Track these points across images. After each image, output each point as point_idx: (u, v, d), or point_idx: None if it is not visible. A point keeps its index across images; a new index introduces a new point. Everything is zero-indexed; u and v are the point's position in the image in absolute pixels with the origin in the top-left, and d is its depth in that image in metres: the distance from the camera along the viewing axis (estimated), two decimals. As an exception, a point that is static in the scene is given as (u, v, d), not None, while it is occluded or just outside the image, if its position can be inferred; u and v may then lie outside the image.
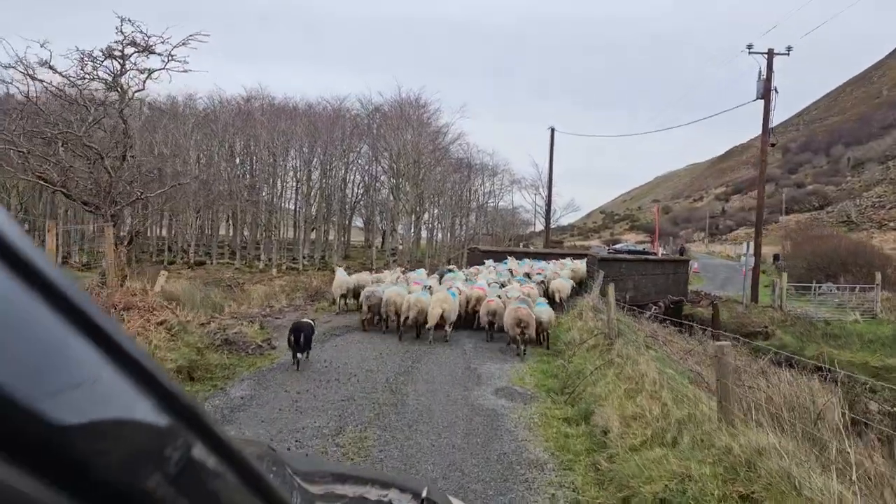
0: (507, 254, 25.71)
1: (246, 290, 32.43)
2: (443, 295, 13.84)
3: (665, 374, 7.24)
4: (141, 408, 0.63)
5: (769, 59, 27.48)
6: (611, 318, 9.74)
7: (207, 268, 46.90)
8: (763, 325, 23.84)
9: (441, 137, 53.85)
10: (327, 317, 16.86)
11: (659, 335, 11.38)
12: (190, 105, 55.62)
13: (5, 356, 0.48)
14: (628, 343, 9.20)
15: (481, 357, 11.84)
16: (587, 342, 10.55)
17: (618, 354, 8.69)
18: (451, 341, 13.56)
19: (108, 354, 0.60)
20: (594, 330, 11.52)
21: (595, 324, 12.11)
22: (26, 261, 0.54)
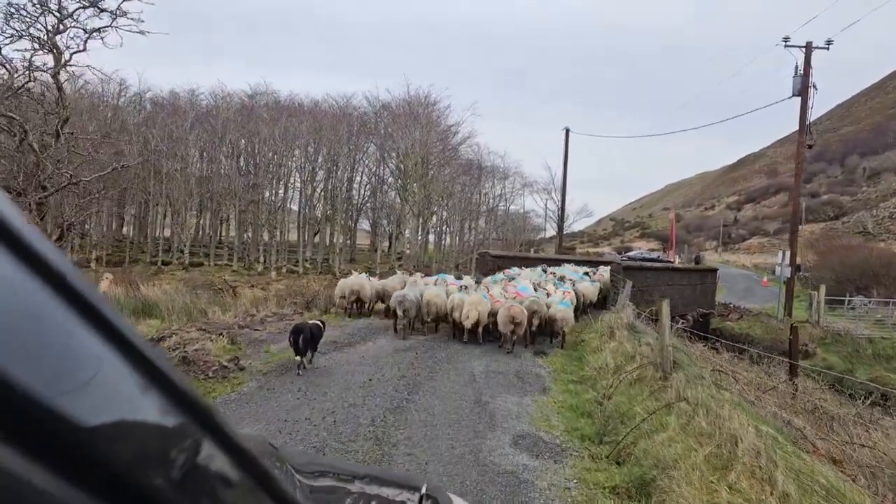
0: (521, 260, 23.64)
1: (239, 293, 30.43)
2: (476, 298, 13.68)
3: (766, 434, 5.07)
4: (152, 406, 0.63)
5: (807, 52, 25.25)
6: (666, 345, 7.54)
7: (204, 269, 44.91)
8: (802, 343, 21.52)
9: (451, 136, 51.72)
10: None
11: (721, 365, 9.17)
12: (192, 100, 53.86)
13: (21, 352, 0.49)
14: (693, 380, 7.00)
15: (494, 385, 9.66)
16: (628, 372, 8.35)
17: (679, 395, 6.52)
18: (458, 361, 11.42)
19: (119, 352, 0.60)
20: (635, 355, 9.32)
21: (634, 347, 9.91)
22: (36, 251, 0.54)
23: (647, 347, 9.09)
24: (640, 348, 9.24)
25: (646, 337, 10.46)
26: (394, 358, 11.35)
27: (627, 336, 11.27)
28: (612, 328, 12.59)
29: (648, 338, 10.10)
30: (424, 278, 18.28)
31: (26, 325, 0.50)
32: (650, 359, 8.38)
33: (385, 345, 12.70)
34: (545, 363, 11.86)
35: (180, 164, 45.40)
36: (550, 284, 16.67)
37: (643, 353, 8.95)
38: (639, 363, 8.65)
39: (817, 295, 24.83)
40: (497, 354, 12.35)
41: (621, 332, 11.67)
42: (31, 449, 0.47)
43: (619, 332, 11.68)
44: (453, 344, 13.18)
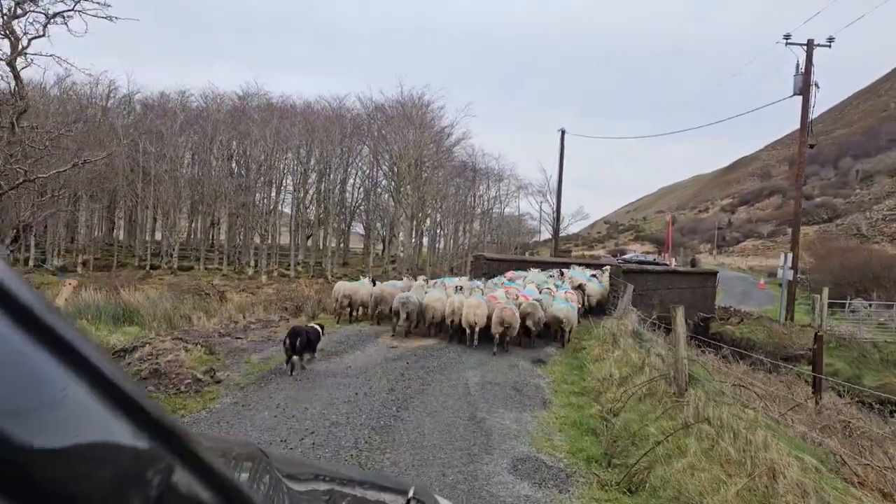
0: (518, 263, 22.97)
1: (227, 298, 29.63)
2: (475, 300, 13.69)
3: (809, 466, 4.37)
4: (117, 430, 0.61)
5: (809, 50, 24.67)
6: (681, 358, 6.81)
7: (193, 273, 44.03)
8: (806, 348, 20.88)
9: (445, 138, 51.01)
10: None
11: (740, 378, 8.42)
12: (182, 101, 53.00)
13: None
14: (713, 396, 6.29)
15: (490, 399, 8.94)
16: (638, 385, 7.63)
17: (699, 414, 5.81)
18: (451, 371, 10.71)
19: (79, 374, 0.59)
20: (643, 366, 8.60)
21: (641, 357, 9.19)
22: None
23: (657, 359, 8.37)
24: (649, 359, 8.51)
25: (655, 346, 9.75)
26: (383, 368, 10.62)
27: (632, 344, 10.56)
28: (615, 335, 11.88)
29: (658, 347, 9.40)
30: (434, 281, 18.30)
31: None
32: (662, 371, 7.66)
33: (374, 354, 11.98)
34: (544, 373, 11.16)
35: (169, 166, 44.48)
36: (552, 284, 16.72)
37: (653, 365, 8.23)
38: (648, 375, 7.93)
39: (820, 298, 24.21)
40: (493, 363, 11.65)
41: (626, 339, 10.96)
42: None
43: (624, 339, 10.97)
44: (446, 352, 12.47)
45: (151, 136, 45.33)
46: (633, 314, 12.69)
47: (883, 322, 25.79)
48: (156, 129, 45.92)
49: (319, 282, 43.27)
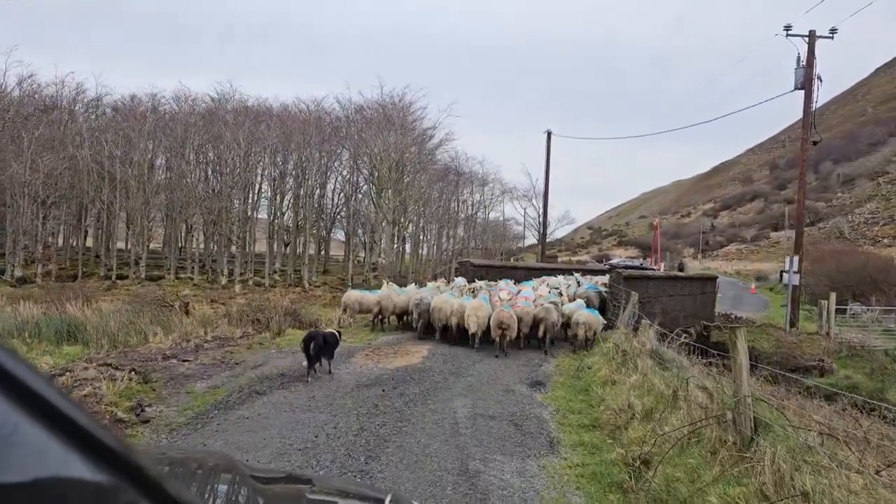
0: (505, 269, 21.36)
1: (192, 310, 27.58)
2: (477, 303, 13.89)
3: None
4: (76, 466, 0.60)
5: (810, 42, 23.32)
6: (744, 396, 5.08)
7: (163, 283, 41.80)
8: (818, 358, 19.40)
9: (427, 140, 49.19)
10: (272, 355, 12.11)
11: (819, 422, 6.66)
12: (153, 104, 50.67)
13: None
14: (799, 454, 4.58)
15: (484, 438, 7.19)
16: (675, 428, 5.92)
17: (781, 479, 4.13)
18: (436, 400, 8.96)
19: (30, 409, 0.57)
20: (674, 398, 6.87)
21: (669, 385, 7.45)
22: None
23: (700, 392, 6.62)
24: (686, 391, 6.77)
25: (684, 371, 8.03)
26: (353, 398, 8.83)
27: (652, 366, 8.87)
28: (626, 353, 10.19)
29: (690, 372, 7.68)
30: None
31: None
32: (710, 410, 5.96)
33: (345, 378, 10.17)
34: (545, 399, 9.43)
35: (137, 171, 42.23)
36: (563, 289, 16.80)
37: (694, 399, 6.51)
38: (687, 412, 6.24)
39: (827, 304, 22.80)
40: (484, 389, 9.89)
41: (643, 360, 9.23)
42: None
43: (642, 360, 9.25)
44: (430, 375, 10.69)
45: (118, 139, 43.05)
46: (650, 329, 10.99)
47: (890, 328, 24.44)
48: (123, 132, 43.63)
49: (296, 291, 41.27)
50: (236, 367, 10.54)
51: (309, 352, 9.76)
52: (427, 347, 13.33)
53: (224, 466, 1.91)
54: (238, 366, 10.68)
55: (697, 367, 8.14)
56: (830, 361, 19.42)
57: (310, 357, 9.82)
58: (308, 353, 9.78)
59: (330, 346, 10.26)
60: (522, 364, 12.28)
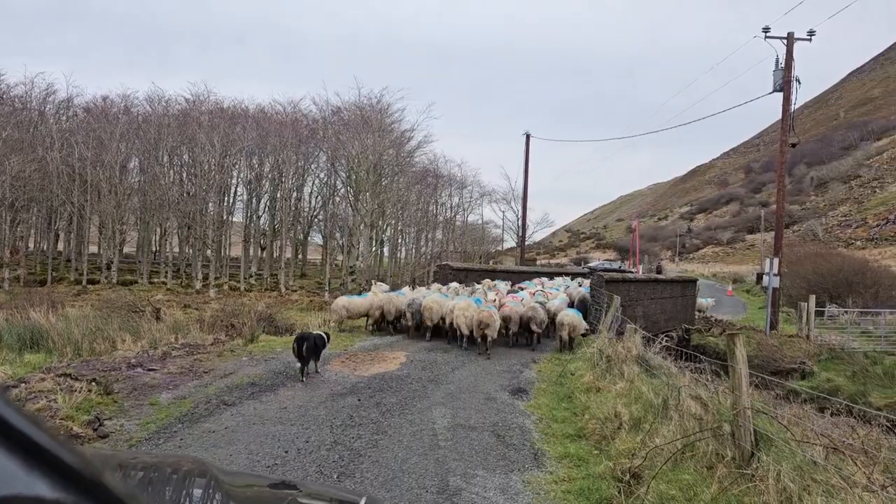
0: (486, 273, 21.03)
1: (164, 316, 26.84)
2: (465, 303, 14.36)
3: None
4: (36, 485, 0.59)
5: (789, 44, 23.35)
6: (744, 408, 4.75)
7: (136, 288, 40.83)
8: (799, 360, 19.32)
9: (405, 142, 48.72)
10: (244, 363, 11.62)
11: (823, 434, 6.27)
12: (125, 105, 49.60)
13: None
14: (806, 471, 4.27)
15: (465, 451, 6.82)
16: (668, 441, 5.58)
17: (788, 499, 3.81)
18: (414, 410, 8.57)
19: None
20: (664, 408, 6.55)
21: (659, 393, 7.13)
22: None
23: (693, 402, 6.29)
24: (678, 400, 6.42)
25: (673, 378, 7.71)
26: (327, 409, 8.40)
27: (639, 373, 8.56)
28: (610, 358, 9.88)
29: (681, 380, 7.37)
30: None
31: None
32: (704, 421, 5.63)
33: (319, 387, 9.73)
34: (528, 407, 9.08)
35: (109, 173, 41.21)
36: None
37: (687, 410, 6.18)
38: (679, 423, 5.92)
39: (807, 306, 22.77)
40: (464, 397, 9.51)
41: (630, 367, 8.92)
42: None
43: (628, 367, 8.93)
44: (407, 382, 10.29)
45: (89, 141, 41.98)
46: (637, 334, 10.68)
47: (868, 330, 24.50)
48: (94, 133, 42.57)
49: (272, 295, 40.57)
50: (205, 376, 10.06)
51: (302, 353, 9.99)
52: (405, 353, 12.93)
53: (197, 471, 1.89)
54: (207, 374, 10.20)
55: (688, 375, 7.82)
56: (811, 364, 19.36)
57: (302, 358, 10.04)
58: (301, 354, 10.01)
59: (319, 347, 10.55)
60: (504, 370, 11.93)
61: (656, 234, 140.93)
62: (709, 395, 6.39)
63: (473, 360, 12.83)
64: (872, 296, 34.56)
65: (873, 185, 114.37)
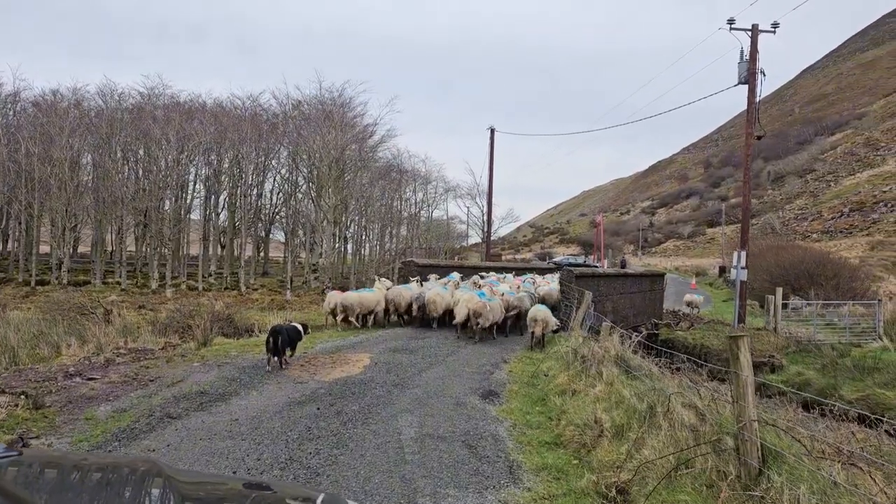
0: (452, 268, 20.45)
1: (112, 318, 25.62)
2: (468, 295, 15.54)
3: None
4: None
5: (753, 36, 23.27)
6: (750, 421, 4.23)
7: (89, 288, 39.17)
8: (768, 354, 19.19)
9: (368, 136, 47.75)
10: (194, 369, 10.81)
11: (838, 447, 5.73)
12: (76, 98, 47.55)
13: None
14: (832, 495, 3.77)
15: (434, 466, 6.21)
16: (660, 454, 5.07)
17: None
18: (378, 418, 7.93)
19: None
20: (651, 415, 6.03)
21: (644, 398, 6.61)
22: None
23: (687, 411, 5.74)
24: (668, 408, 5.87)
25: (658, 382, 7.19)
26: (283, 419, 7.70)
27: (619, 375, 8.05)
28: (586, 357, 9.37)
29: (668, 384, 6.85)
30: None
31: None
32: (701, 434, 5.10)
33: (275, 394, 9.01)
34: (500, 413, 8.52)
35: (58, 170, 39.39)
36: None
37: (679, 419, 5.65)
38: (668, 434, 5.41)
39: (774, 299, 22.74)
40: (432, 402, 8.90)
41: (609, 368, 8.41)
42: None
43: (607, 368, 8.42)
44: (371, 387, 9.62)
45: (36, 136, 40.07)
46: (615, 333, 10.16)
47: (833, 322, 24.60)
48: (41, 128, 40.66)
49: (232, 295, 39.34)
50: (150, 385, 9.25)
51: (277, 347, 10.40)
52: (369, 355, 12.26)
53: (156, 472, 1.90)
54: (153, 383, 9.39)
55: (672, 378, 7.32)
56: (780, 357, 19.25)
57: (277, 351, 10.44)
58: (276, 348, 10.40)
59: (293, 339, 10.94)
60: (473, 371, 11.35)
61: (618, 228, 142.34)
62: (704, 404, 5.88)
63: (441, 360, 12.24)
64: (833, 287, 35.00)
65: (828, 178, 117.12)
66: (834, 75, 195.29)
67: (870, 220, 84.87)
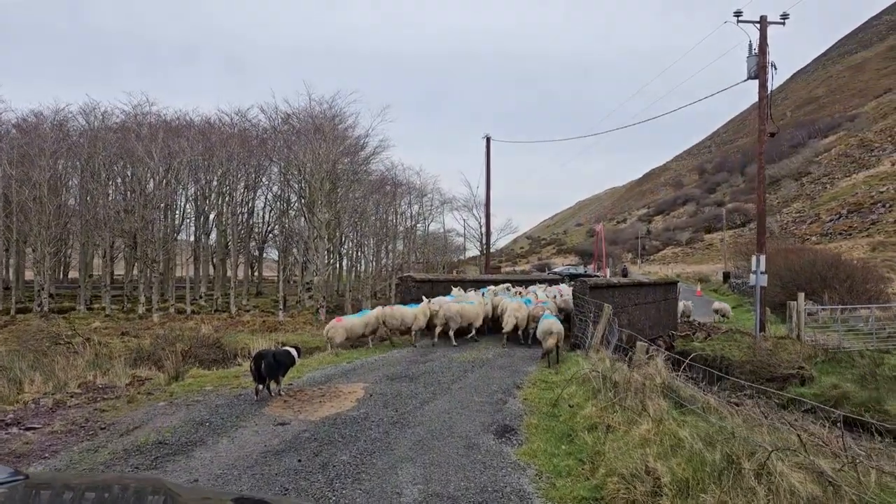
0: (451, 283, 19.02)
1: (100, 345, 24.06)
2: (516, 304, 15.71)
3: None
4: None
5: (762, 28, 22.03)
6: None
7: (73, 316, 37.55)
8: (796, 365, 17.72)
9: (360, 148, 46.31)
10: (159, 410, 9.32)
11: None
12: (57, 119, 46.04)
13: None
14: None
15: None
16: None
17: None
18: (373, 472, 6.43)
19: None
20: (727, 469, 4.56)
21: (712, 444, 5.15)
22: None
23: (802, 476, 4.27)
24: (780, 473, 4.36)
25: (723, 420, 5.72)
26: (254, 479, 6.18)
27: (668, 409, 6.58)
28: (618, 384, 7.90)
29: (736, 422, 5.39)
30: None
31: None
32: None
33: (250, 441, 7.48)
34: (521, 456, 7.01)
35: (38, 192, 37.84)
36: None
37: (788, 487, 4.16)
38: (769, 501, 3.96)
39: (796, 305, 21.32)
40: (438, 445, 7.40)
41: (655, 400, 6.94)
42: None
43: (653, 400, 6.93)
44: (365, 428, 8.10)
45: (13, 158, 38.55)
46: (659, 356, 8.63)
47: (858, 327, 23.18)
48: (20, 149, 39.14)
49: (222, 317, 37.73)
50: (100, 434, 7.72)
51: (260, 373, 9.49)
52: (363, 385, 10.74)
53: (161, 489, 2.01)
54: (103, 431, 7.86)
55: (736, 410, 5.85)
56: (809, 368, 17.79)
57: (261, 378, 9.56)
58: (259, 374, 9.51)
59: (282, 365, 9.92)
60: (483, 400, 9.86)
61: (616, 237, 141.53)
62: (832, 467, 4.39)
63: (446, 388, 10.73)
64: (847, 290, 33.66)
65: (823, 181, 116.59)
66: (823, 78, 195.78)
67: (868, 220, 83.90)
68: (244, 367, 12.30)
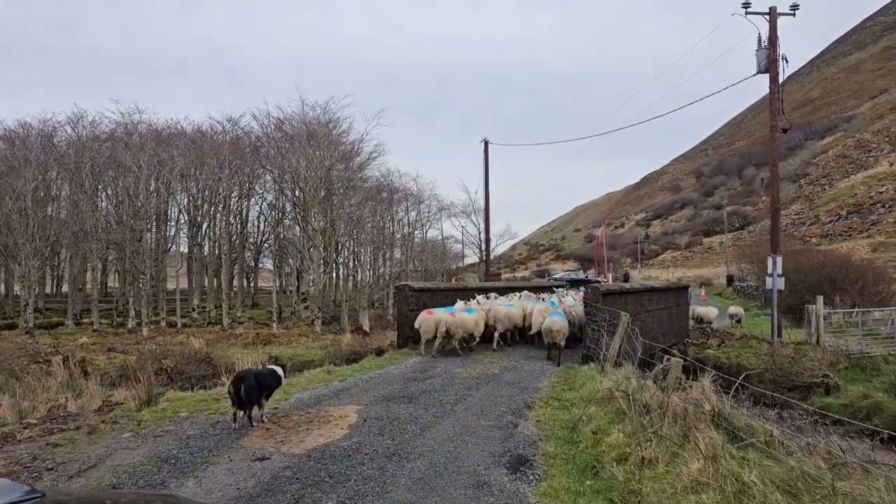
0: (450, 291, 17.94)
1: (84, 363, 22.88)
2: (544, 306, 15.79)
3: None
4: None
5: (772, 19, 21.08)
6: None
7: (60, 331, 36.36)
8: (820, 373, 16.62)
9: (356, 154, 45.23)
10: (122, 442, 8.21)
11: None
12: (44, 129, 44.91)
13: None
14: None
15: None
16: None
17: None
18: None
19: None
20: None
21: (791, 490, 4.12)
22: None
23: None
24: None
25: (802, 462, 4.67)
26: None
27: (723, 444, 5.49)
28: (650, 407, 6.81)
29: (809, 462, 4.35)
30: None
31: None
32: None
33: (223, 483, 6.35)
34: (540, 497, 5.91)
35: (22, 204, 36.68)
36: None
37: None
38: None
39: (815, 309, 20.27)
40: (442, 483, 6.28)
41: (703, 431, 5.82)
42: None
43: (702, 433, 5.82)
44: (357, 462, 6.98)
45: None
46: (706, 377, 7.51)
47: (878, 331, 22.10)
48: (4, 161, 38.02)
49: (214, 330, 36.55)
50: (44, 477, 6.58)
51: (240, 397, 8.33)
52: (355, 409, 9.60)
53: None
54: (50, 472, 6.72)
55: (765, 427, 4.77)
56: (834, 377, 16.69)
57: (241, 403, 8.39)
58: (238, 399, 8.36)
59: (265, 387, 8.77)
60: (491, 424, 8.74)
61: (614, 241, 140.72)
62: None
63: (449, 410, 9.60)
64: (858, 292, 32.66)
65: (822, 182, 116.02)
66: (818, 80, 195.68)
67: (868, 221, 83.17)
68: (227, 386, 11.20)
